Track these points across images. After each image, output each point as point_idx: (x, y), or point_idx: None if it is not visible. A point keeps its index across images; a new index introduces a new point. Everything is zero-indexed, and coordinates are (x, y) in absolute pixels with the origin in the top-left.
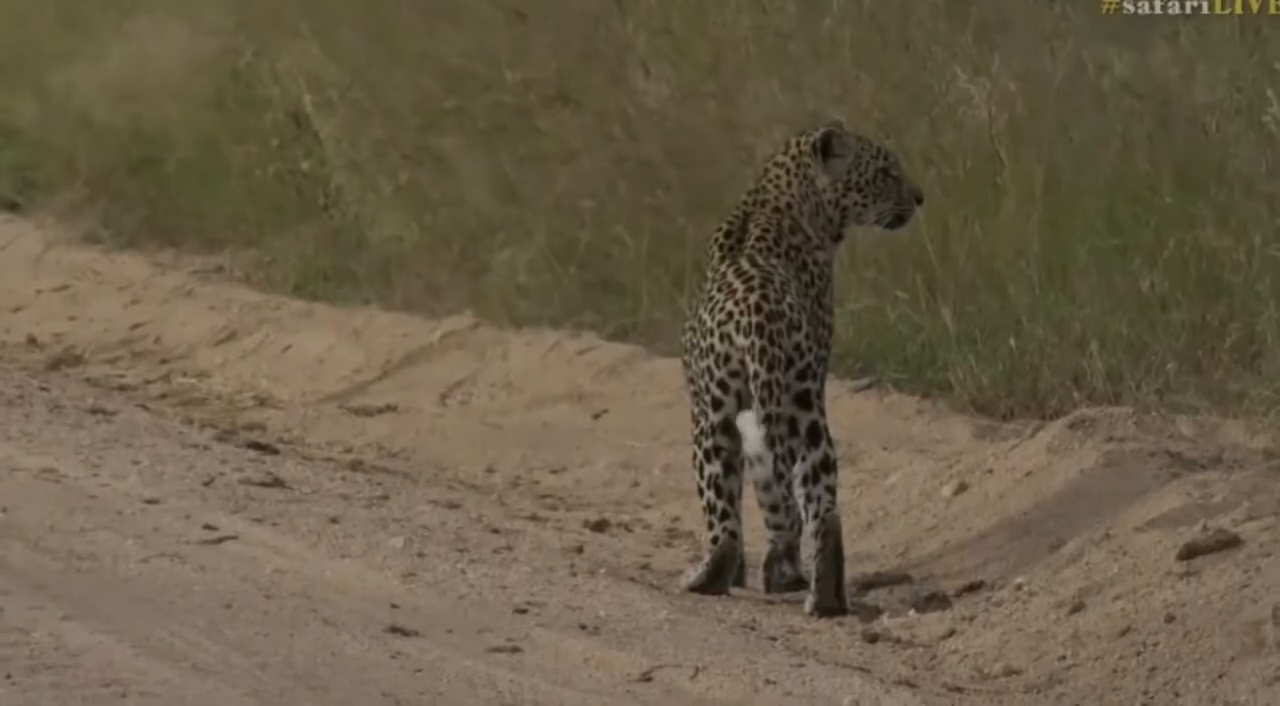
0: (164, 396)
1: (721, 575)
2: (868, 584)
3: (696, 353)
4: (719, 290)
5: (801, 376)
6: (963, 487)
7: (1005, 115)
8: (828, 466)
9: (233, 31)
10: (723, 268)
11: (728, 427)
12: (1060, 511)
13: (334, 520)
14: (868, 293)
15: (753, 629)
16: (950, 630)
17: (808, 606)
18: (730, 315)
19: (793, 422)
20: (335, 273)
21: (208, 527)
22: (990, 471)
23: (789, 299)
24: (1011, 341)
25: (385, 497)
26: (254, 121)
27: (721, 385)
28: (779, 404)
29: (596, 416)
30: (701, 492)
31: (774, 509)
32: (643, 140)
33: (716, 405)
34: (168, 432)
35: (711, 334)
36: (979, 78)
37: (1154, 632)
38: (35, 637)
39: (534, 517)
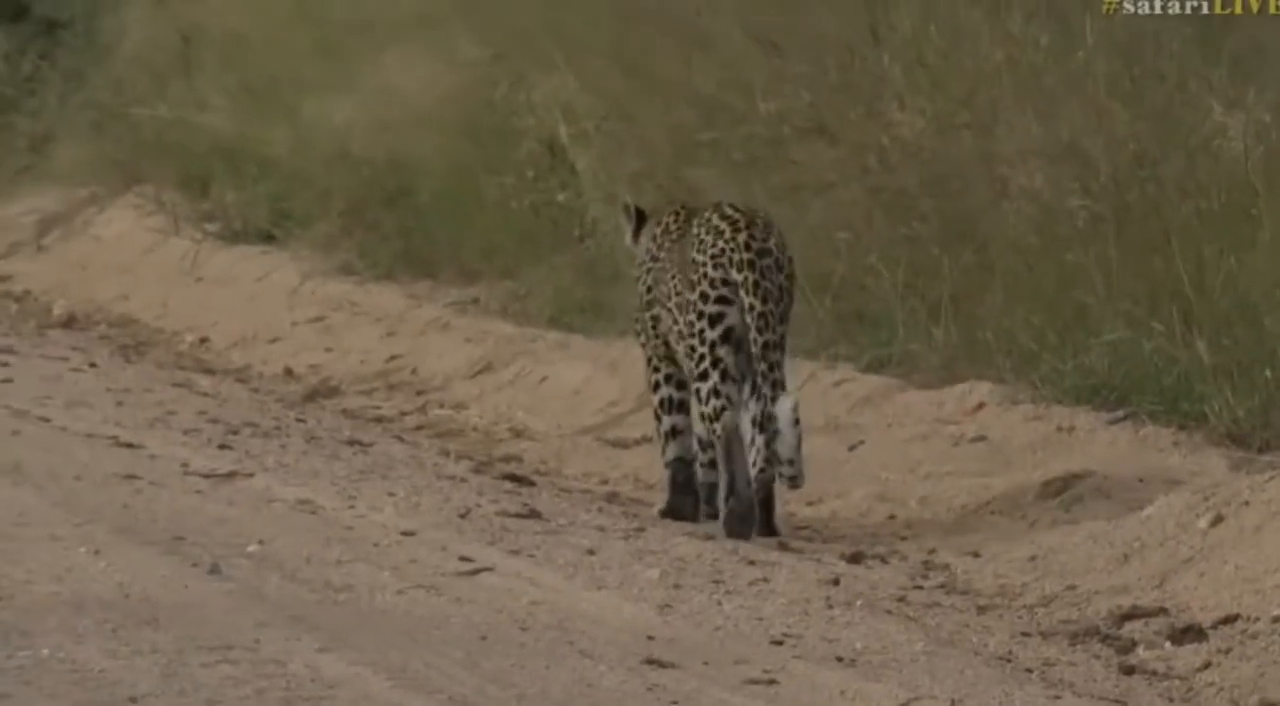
0: (420, 428)
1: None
2: (1124, 616)
3: (685, 290)
4: (707, 233)
5: (782, 319)
6: (1219, 519)
7: (1261, 147)
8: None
9: (487, 63)
10: (706, 214)
11: (728, 338)
12: None
13: (590, 552)
14: (1123, 325)
15: (1009, 661)
16: (1206, 662)
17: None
18: (722, 252)
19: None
20: (591, 304)
21: (464, 559)
22: (1246, 503)
23: (774, 239)
24: (1268, 373)
25: (641, 529)
26: (509, 153)
27: (721, 300)
28: (775, 333)
29: (852, 448)
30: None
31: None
32: (898, 171)
33: (716, 320)
34: (424, 464)
35: (705, 266)
36: (1234, 110)
37: None
38: (291, 669)
39: (790, 549)
